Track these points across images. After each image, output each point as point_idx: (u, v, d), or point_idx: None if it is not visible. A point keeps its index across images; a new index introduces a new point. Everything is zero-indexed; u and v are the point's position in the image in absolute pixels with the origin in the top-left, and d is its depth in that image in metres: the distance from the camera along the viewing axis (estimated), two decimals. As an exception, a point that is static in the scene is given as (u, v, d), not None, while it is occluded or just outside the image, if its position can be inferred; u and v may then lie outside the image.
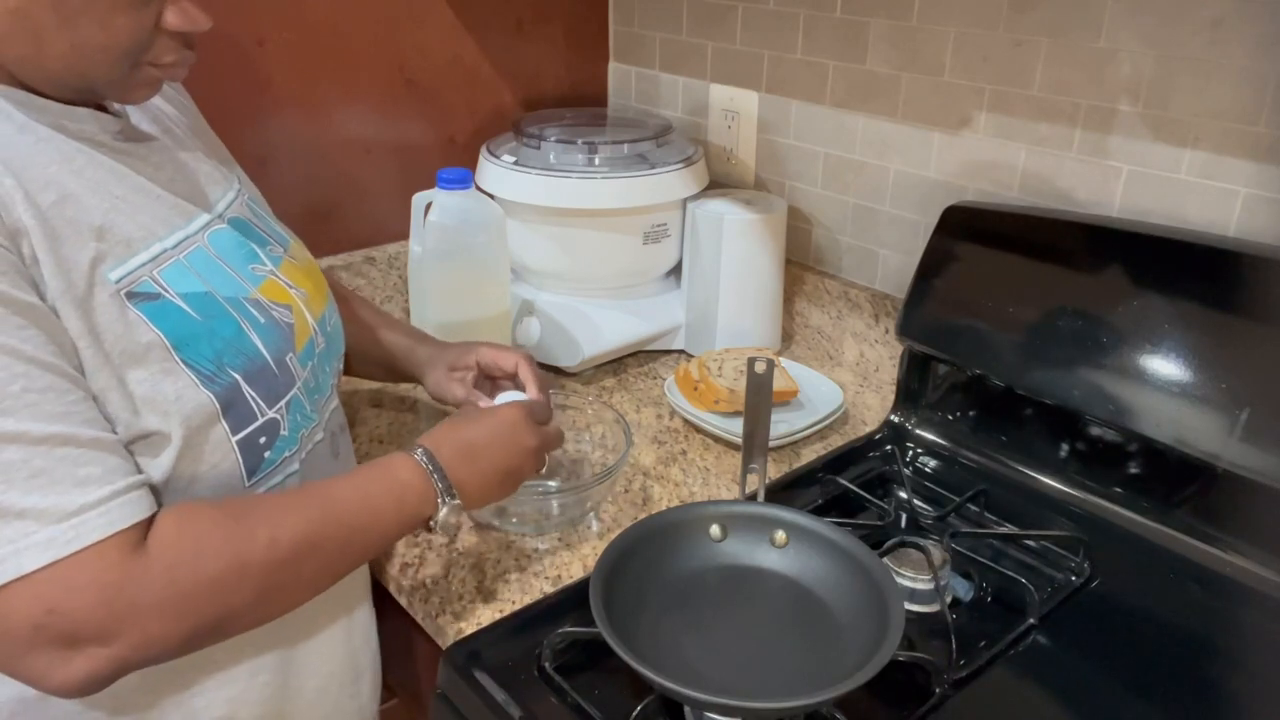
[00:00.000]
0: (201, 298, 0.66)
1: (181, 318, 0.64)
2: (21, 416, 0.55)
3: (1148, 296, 0.88)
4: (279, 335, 0.71)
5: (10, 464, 0.54)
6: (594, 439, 1.01)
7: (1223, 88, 0.88)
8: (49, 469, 0.55)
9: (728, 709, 0.67)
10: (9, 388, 0.54)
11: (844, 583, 0.78)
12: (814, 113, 1.24)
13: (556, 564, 0.88)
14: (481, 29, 1.36)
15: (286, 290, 0.75)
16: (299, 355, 0.73)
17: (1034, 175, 1.04)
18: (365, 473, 0.72)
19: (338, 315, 0.84)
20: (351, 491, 0.69)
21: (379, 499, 0.70)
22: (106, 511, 0.57)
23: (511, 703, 0.72)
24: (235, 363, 0.66)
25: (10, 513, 0.54)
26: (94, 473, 0.57)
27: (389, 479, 0.71)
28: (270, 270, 0.74)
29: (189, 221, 0.69)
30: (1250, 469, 0.80)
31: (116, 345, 0.60)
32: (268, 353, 0.69)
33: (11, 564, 0.54)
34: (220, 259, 0.70)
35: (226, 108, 1.18)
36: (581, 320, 1.20)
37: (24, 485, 0.54)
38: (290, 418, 0.71)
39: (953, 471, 1.02)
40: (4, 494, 0.54)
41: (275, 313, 0.72)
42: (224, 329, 0.67)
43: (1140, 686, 0.75)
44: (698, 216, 1.21)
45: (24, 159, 0.59)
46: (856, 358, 1.24)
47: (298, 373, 0.72)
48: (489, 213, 1.11)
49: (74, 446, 0.56)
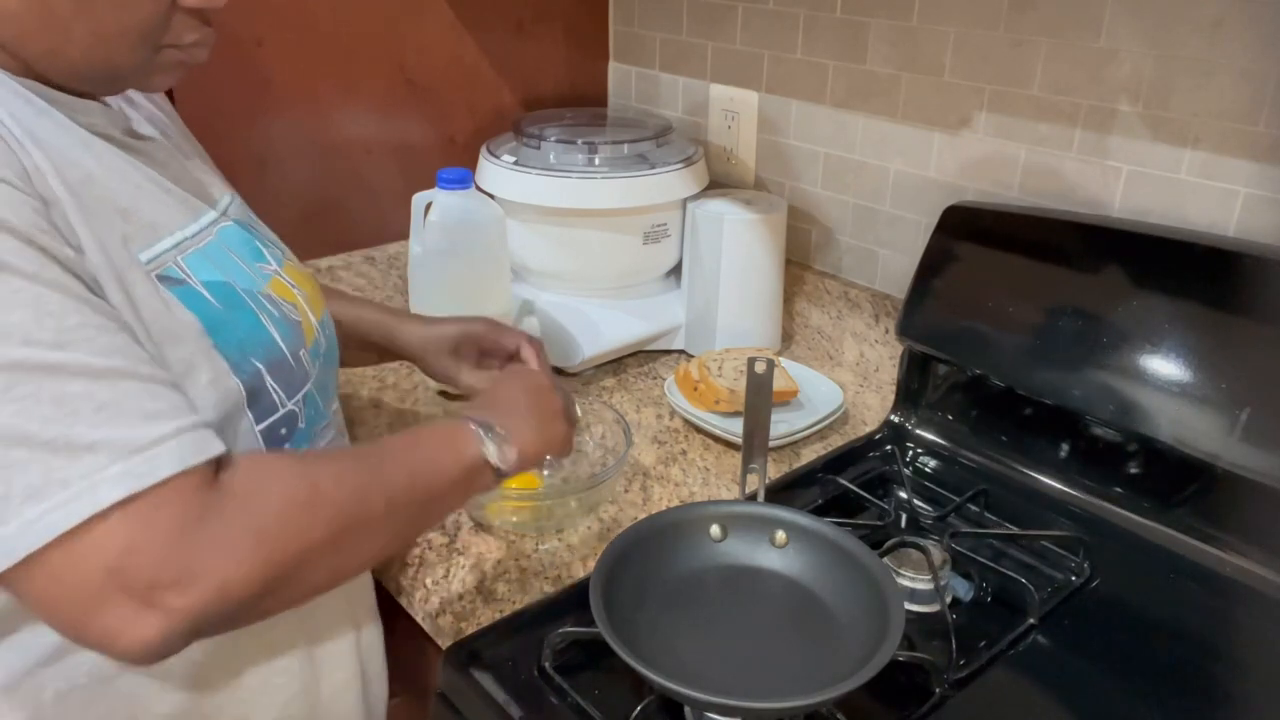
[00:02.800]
0: (222, 287, 0.66)
1: (207, 305, 0.64)
2: (81, 349, 0.52)
3: (1148, 296, 0.88)
4: (292, 330, 0.71)
5: (75, 395, 0.51)
6: (594, 439, 1.01)
7: (1223, 88, 0.88)
8: (116, 401, 0.53)
9: (728, 709, 0.67)
10: (65, 321, 0.52)
11: (844, 583, 0.78)
12: (814, 113, 1.24)
13: (556, 564, 0.88)
14: (481, 29, 1.36)
15: (290, 289, 0.75)
16: (309, 351, 0.73)
17: (1034, 175, 1.04)
18: (412, 429, 0.74)
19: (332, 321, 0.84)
20: (402, 440, 0.71)
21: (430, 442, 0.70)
22: (180, 446, 0.54)
23: (511, 703, 0.72)
24: (257, 353, 0.66)
25: (80, 446, 0.51)
26: (161, 407, 0.54)
27: (435, 428, 0.73)
28: (275, 269, 0.75)
29: (200, 215, 0.70)
30: (1250, 469, 0.80)
31: (156, 322, 0.59)
32: (285, 346, 0.69)
33: (88, 499, 0.50)
34: (232, 253, 0.70)
35: (226, 108, 1.18)
36: (581, 320, 1.20)
37: (91, 418, 0.52)
38: (306, 411, 0.71)
39: (953, 471, 1.02)
40: (72, 427, 0.51)
41: (285, 308, 0.72)
42: (244, 319, 0.67)
43: (1140, 686, 0.75)
44: (698, 216, 1.21)
45: (50, 138, 0.59)
46: (856, 358, 1.24)
47: (310, 368, 0.72)
48: (489, 213, 1.11)
49: (137, 380, 0.54)
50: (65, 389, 0.51)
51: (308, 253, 1.25)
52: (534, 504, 0.92)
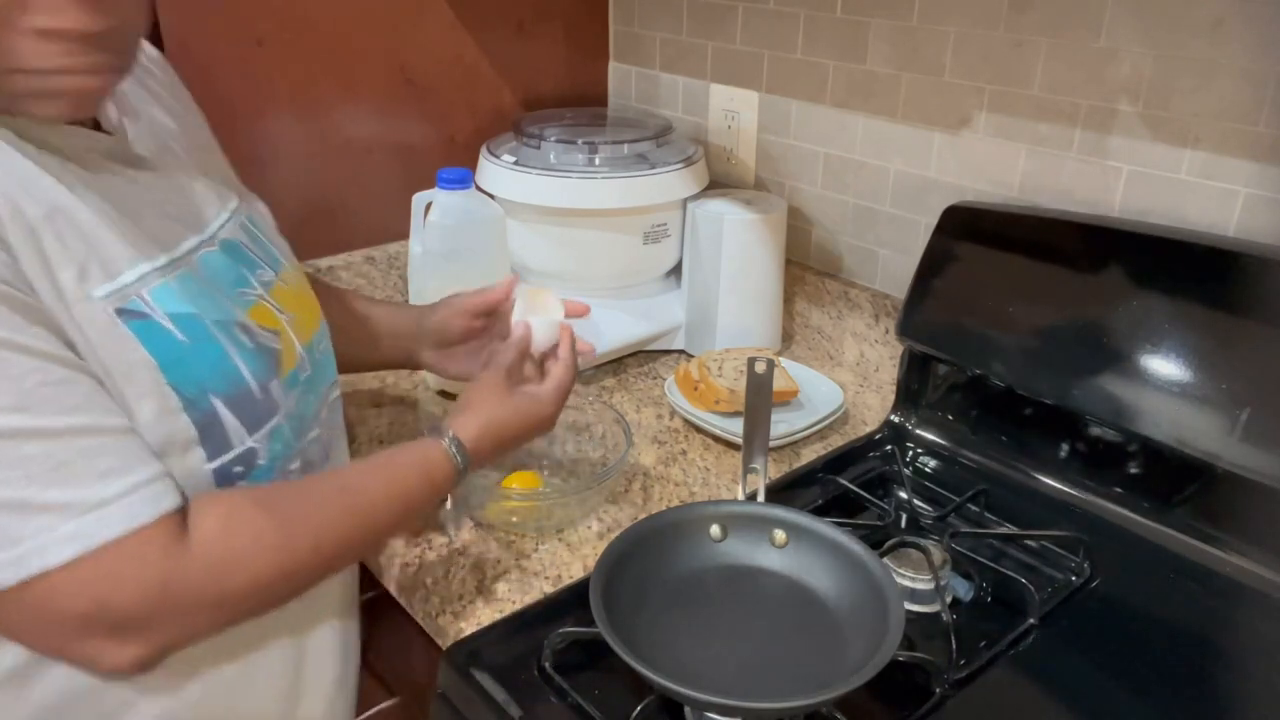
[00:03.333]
0: (189, 319, 0.65)
1: (168, 339, 0.63)
2: (40, 411, 0.55)
3: (1148, 296, 0.88)
4: (264, 361, 0.70)
5: (32, 458, 0.54)
6: (594, 439, 1.01)
7: (1223, 88, 0.88)
8: (70, 461, 0.55)
9: (728, 709, 0.67)
10: (24, 383, 0.54)
11: (844, 583, 0.78)
12: (814, 113, 1.24)
13: (556, 564, 0.88)
14: (481, 29, 1.36)
15: (275, 315, 0.74)
16: (284, 382, 0.71)
17: (1034, 175, 1.04)
18: (402, 467, 0.75)
19: (329, 340, 0.83)
20: (389, 487, 0.73)
21: (415, 494, 0.74)
22: (130, 505, 0.57)
23: (511, 703, 0.72)
24: (219, 387, 0.65)
25: (33, 507, 0.55)
26: (114, 465, 0.57)
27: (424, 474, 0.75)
28: (259, 294, 0.73)
29: (178, 244, 0.68)
30: (1250, 469, 0.80)
31: (109, 357, 0.60)
32: (252, 379, 0.68)
33: (37, 559, 0.55)
34: (209, 282, 0.69)
35: (226, 108, 1.18)
36: (581, 320, 1.20)
37: (45, 479, 0.55)
38: (270, 446, 0.70)
39: (953, 471, 1.02)
40: (26, 488, 0.54)
41: (262, 338, 0.70)
42: (208, 353, 0.66)
43: (1140, 686, 0.75)
44: (698, 216, 1.21)
45: (10, 172, 0.58)
46: (856, 358, 1.24)
47: (281, 400, 0.71)
48: (489, 213, 1.11)
49: (94, 437, 0.57)
50: (22, 451, 0.54)
51: (308, 253, 1.25)
52: (534, 504, 0.92)
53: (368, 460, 0.77)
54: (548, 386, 0.84)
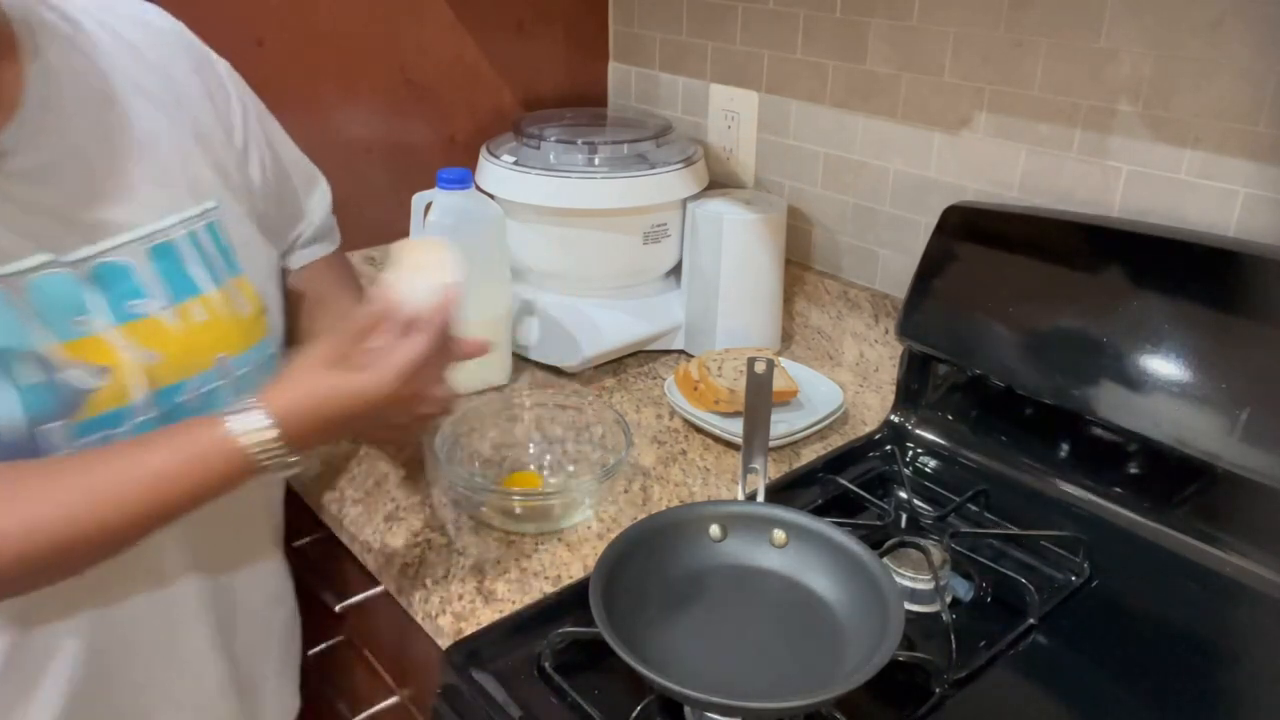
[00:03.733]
0: None
1: None
2: None
3: (1148, 296, 0.88)
4: (51, 399, 0.65)
5: None
6: (594, 439, 1.01)
7: (1223, 88, 0.88)
8: None
9: (728, 709, 0.67)
10: None
11: (844, 583, 0.78)
12: (814, 113, 1.24)
13: (556, 564, 0.88)
14: (481, 29, 1.36)
15: (113, 352, 0.68)
16: (80, 424, 0.66)
17: (1034, 175, 1.04)
18: (159, 446, 0.66)
19: (218, 385, 0.75)
20: (136, 469, 0.65)
21: (175, 475, 0.65)
22: None
23: (511, 703, 0.72)
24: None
25: None
26: None
27: (188, 451, 0.66)
28: (106, 325, 0.68)
29: (10, 261, 0.64)
30: (1250, 469, 0.80)
31: None
32: (24, 417, 0.63)
33: None
34: (23, 304, 0.64)
35: (226, 108, 1.18)
36: (581, 320, 1.20)
37: None
38: None
39: (953, 471, 1.02)
40: None
41: (69, 374, 0.65)
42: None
43: (1140, 686, 0.75)
44: (698, 216, 1.21)
45: None
46: (856, 358, 1.24)
47: (59, 444, 0.65)
48: (489, 213, 1.11)
49: None
50: None
51: (308, 253, 1.25)
52: (534, 504, 0.92)
53: (127, 441, 0.69)
54: (383, 362, 0.70)
